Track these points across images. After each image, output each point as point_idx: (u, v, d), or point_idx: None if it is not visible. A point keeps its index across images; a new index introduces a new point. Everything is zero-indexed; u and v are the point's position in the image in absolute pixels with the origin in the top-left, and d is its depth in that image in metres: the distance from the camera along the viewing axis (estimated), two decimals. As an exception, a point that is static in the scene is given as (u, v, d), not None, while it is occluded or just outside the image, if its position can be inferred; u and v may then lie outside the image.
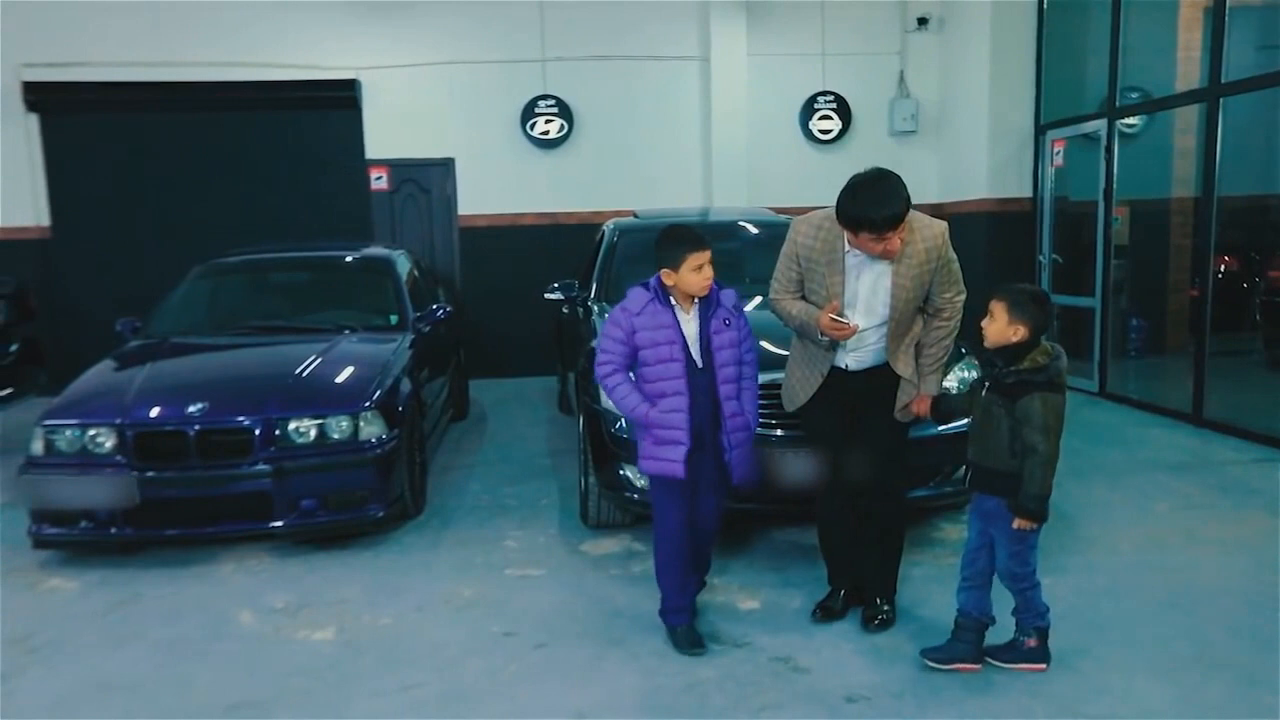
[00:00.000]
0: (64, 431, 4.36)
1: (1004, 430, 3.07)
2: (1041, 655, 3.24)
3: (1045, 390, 3.01)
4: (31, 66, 8.42)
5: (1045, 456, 3.00)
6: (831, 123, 9.26)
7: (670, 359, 3.35)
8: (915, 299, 3.44)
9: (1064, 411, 3.06)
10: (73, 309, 8.32)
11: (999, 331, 3.10)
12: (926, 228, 3.43)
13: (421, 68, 8.86)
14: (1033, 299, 3.12)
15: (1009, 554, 3.16)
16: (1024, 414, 3.02)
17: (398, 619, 3.78)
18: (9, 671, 3.42)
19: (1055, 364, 3.06)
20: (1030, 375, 3.03)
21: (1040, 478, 3.01)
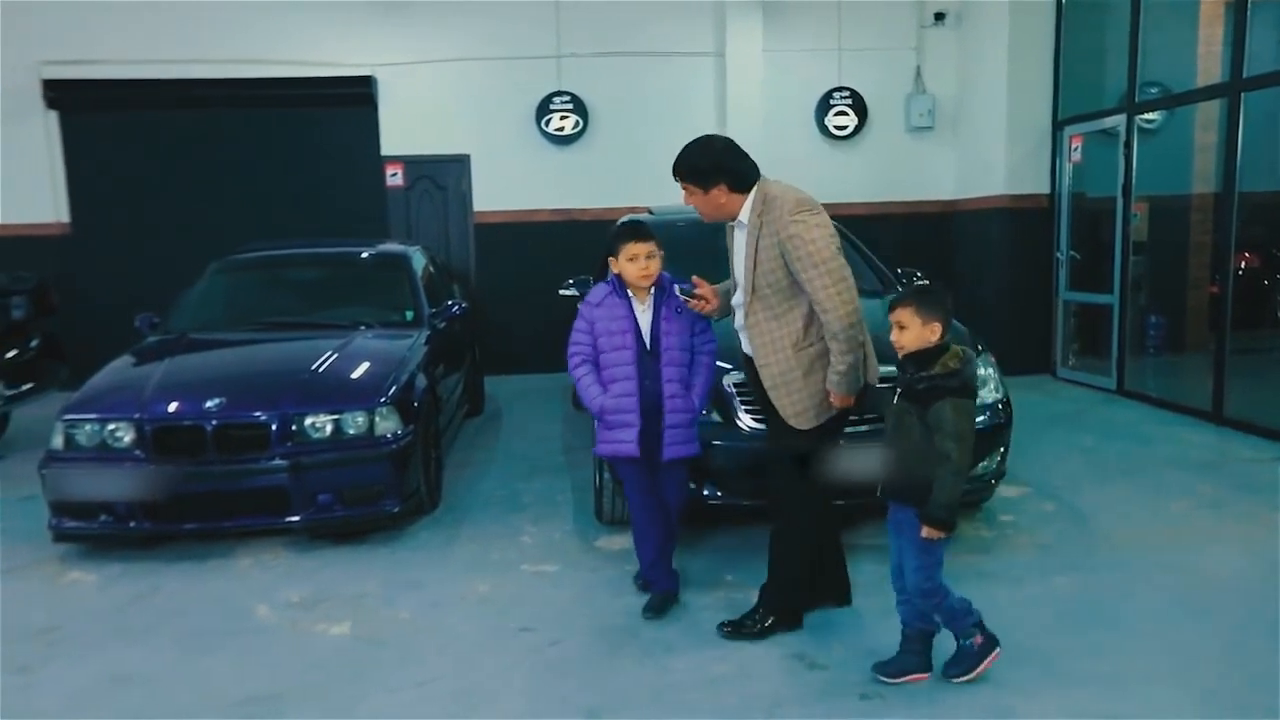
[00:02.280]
0: (83, 426, 4.40)
1: (916, 438, 2.97)
2: (989, 644, 3.13)
3: (957, 395, 2.90)
4: (51, 64, 8.49)
5: (957, 464, 2.90)
6: (847, 119, 9.22)
7: (622, 347, 3.58)
8: (768, 276, 3.29)
9: (974, 418, 2.96)
10: (92, 304, 8.39)
11: (916, 337, 2.98)
12: (779, 201, 3.30)
13: (437, 64, 8.88)
14: (935, 294, 3.05)
15: (915, 567, 3.05)
16: (936, 420, 2.91)
17: (413, 614, 3.79)
18: (30, 664, 3.45)
19: (968, 369, 2.95)
20: (942, 380, 2.91)
21: (951, 486, 2.90)
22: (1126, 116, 7.56)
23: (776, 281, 3.29)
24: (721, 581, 4.03)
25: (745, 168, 3.39)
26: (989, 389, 4.46)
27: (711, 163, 3.37)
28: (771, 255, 3.26)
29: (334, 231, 8.37)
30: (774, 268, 3.27)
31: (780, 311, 3.34)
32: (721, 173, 3.35)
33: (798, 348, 3.33)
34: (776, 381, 3.37)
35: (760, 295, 3.34)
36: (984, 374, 4.48)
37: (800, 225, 3.20)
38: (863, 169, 9.31)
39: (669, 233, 6.20)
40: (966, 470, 2.94)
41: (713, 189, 3.36)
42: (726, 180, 3.35)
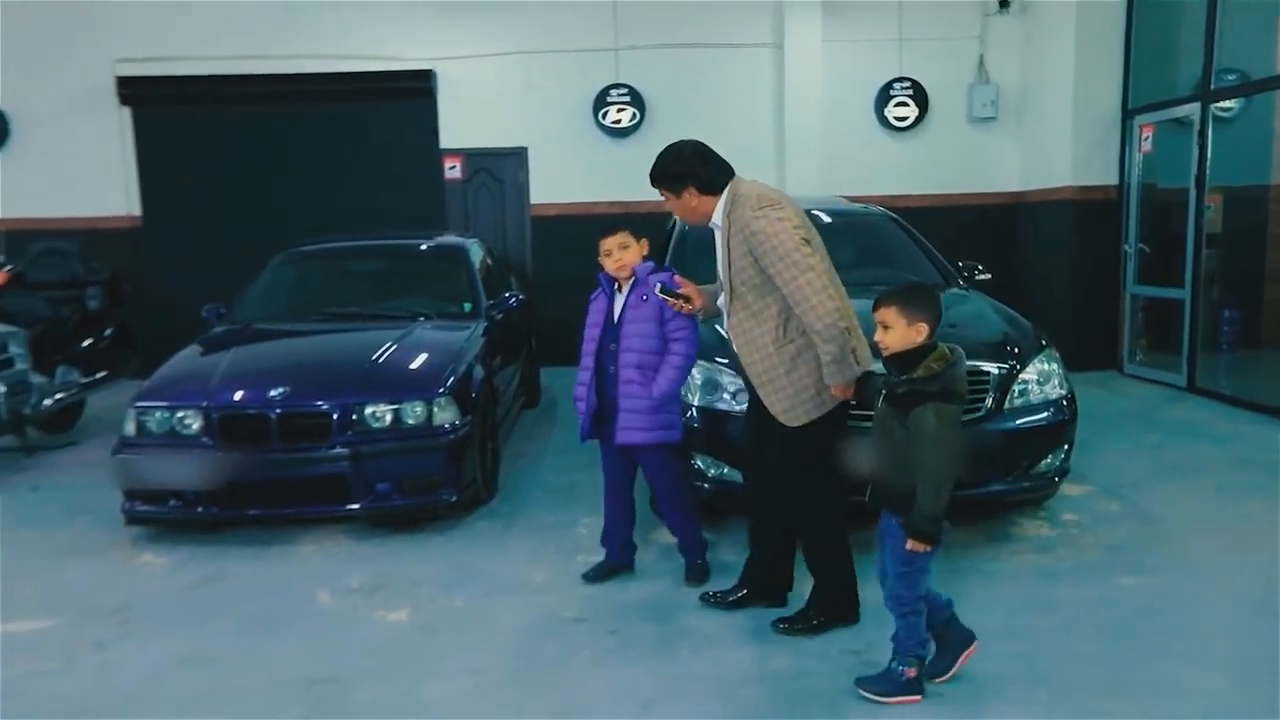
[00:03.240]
0: (154, 413, 4.53)
1: (898, 443, 2.86)
2: (918, 686, 2.98)
3: (939, 400, 2.78)
4: (125, 62, 8.73)
5: (937, 473, 2.77)
6: (908, 110, 9.07)
7: (592, 337, 3.85)
8: (742, 275, 3.33)
9: (958, 423, 2.83)
10: (161, 295, 8.62)
11: (902, 337, 2.86)
12: (743, 199, 3.33)
13: (496, 58, 8.95)
14: (921, 292, 2.95)
15: (896, 575, 2.95)
16: (916, 427, 2.78)
17: (470, 602, 3.84)
18: (105, 640, 3.57)
19: (950, 370, 2.81)
20: (923, 384, 2.80)
21: (933, 495, 2.77)
22: (1201, 105, 7.32)
23: (750, 280, 3.32)
24: (777, 576, 4.00)
25: (713, 171, 3.43)
26: (1053, 385, 4.37)
27: (679, 167, 3.45)
28: (742, 253, 3.31)
29: (394, 224, 8.49)
30: (745, 265, 3.31)
31: (757, 310, 3.36)
32: (689, 176, 3.42)
33: (778, 345, 3.33)
34: (762, 380, 3.38)
35: (738, 295, 3.38)
36: (1047, 369, 4.39)
37: (762, 220, 3.23)
38: (923, 160, 9.16)
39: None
40: (949, 479, 2.80)
41: (683, 192, 3.43)
42: (694, 183, 3.42)
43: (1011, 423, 4.21)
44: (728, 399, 4.23)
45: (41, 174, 8.83)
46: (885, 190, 8.78)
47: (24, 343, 6.04)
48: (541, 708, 3.03)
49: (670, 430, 3.81)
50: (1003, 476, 4.25)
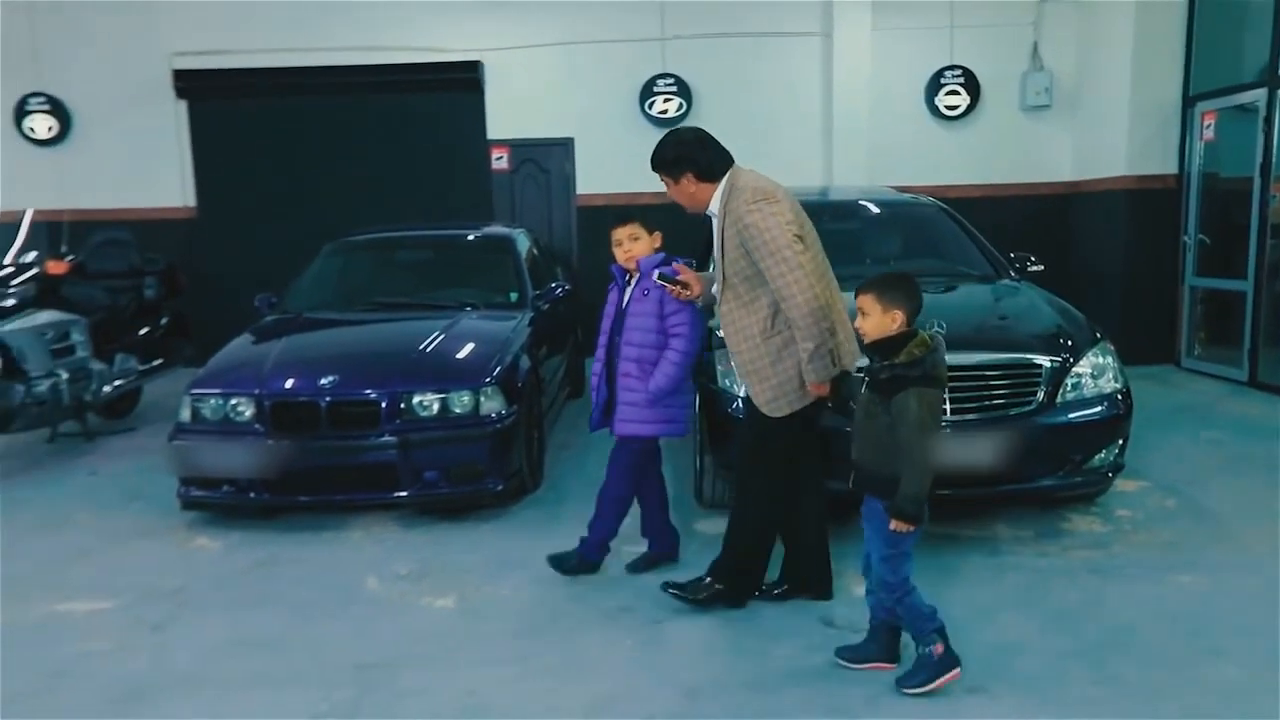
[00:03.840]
0: (208, 400, 4.62)
1: (882, 429, 2.92)
2: (950, 659, 2.97)
3: (921, 385, 2.85)
4: (181, 55, 8.90)
5: (920, 456, 2.84)
6: (959, 98, 8.92)
7: (604, 329, 3.92)
8: (734, 265, 3.35)
9: (939, 408, 2.89)
10: (215, 285, 8.78)
11: (877, 325, 2.94)
12: (739, 191, 3.35)
13: (542, 48, 8.96)
14: (898, 281, 2.99)
15: (881, 558, 3.00)
16: (899, 411, 2.85)
17: (516, 591, 3.87)
18: (163, 621, 3.66)
19: (932, 356, 2.87)
20: (905, 370, 2.86)
21: (916, 477, 2.85)
22: (1268, 90, 7.09)
23: (741, 270, 3.34)
24: (823, 569, 3.98)
25: (711, 158, 3.45)
26: (1107, 378, 4.28)
27: (677, 153, 3.47)
28: (735, 244, 3.33)
29: (441, 214, 8.56)
30: (737, 257, 3.33)
31: (748, 300, 3.37)
32: (687, 162, 3.43)
33: (765, 336, 3.35)
34: (748, 370, 3.41)
35: (730, 285, 3.40)
36: (1102, 363, 4.30)
37: (755, 214, 3.24)
38: (974, 150, 9.01)
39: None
40: (931, 462, 2.87)
41: (681, 178, 3.45)
42: (692, 170, 3.43)
43: (1064, 417, 4.13)
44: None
45: (101, 166, 9.05)
46: (935, 180, 8.65)
47: (85, 331, 6.20)
48: (587, 696, 3.04)
49: (671, 424, 3.83)
50: (1054, 471, 4.17)
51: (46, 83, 8.97)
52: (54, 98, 8.98)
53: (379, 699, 3.05)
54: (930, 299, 4.82)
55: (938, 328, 4.16)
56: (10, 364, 5.56)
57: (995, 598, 3.67)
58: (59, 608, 3.80)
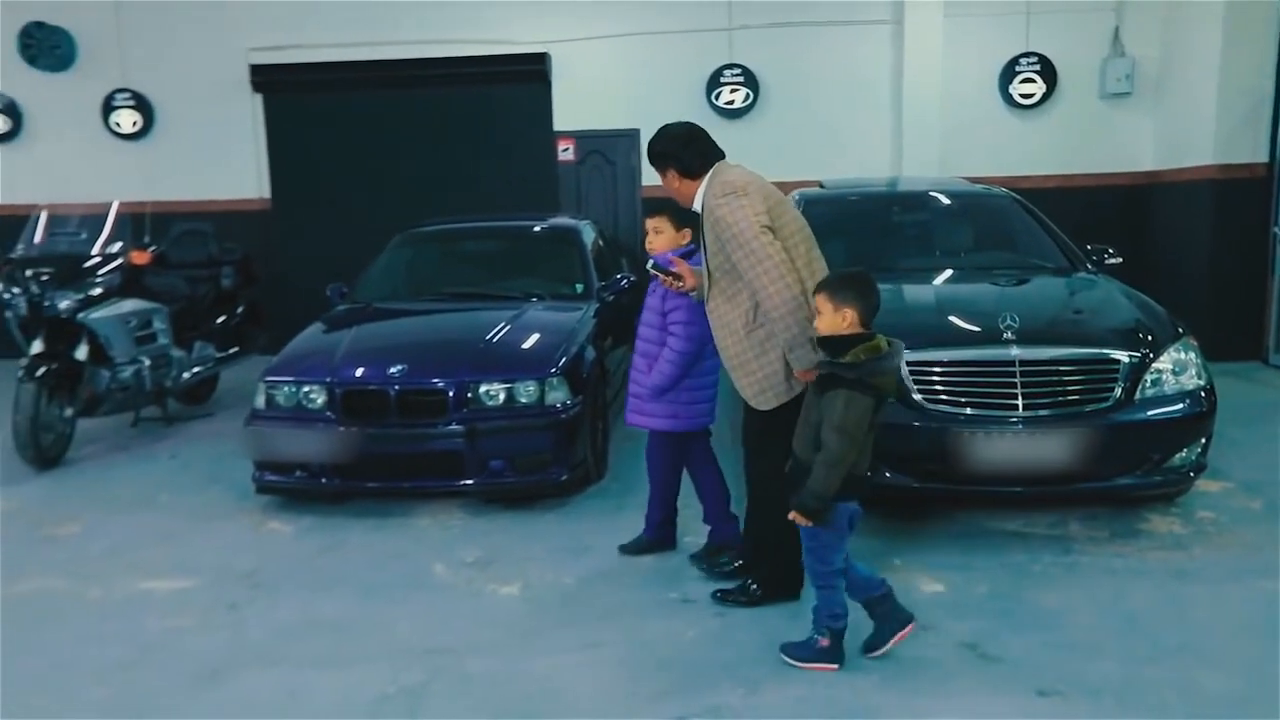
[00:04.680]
0: (282, 387, 4.73)
1: (812, 422, 2.98)
2: (833, 656, 3.09)
3: (851, 388, 2.87)
4: (258, 50, 9.11)
5: (834, 456, 2.87)
6: (1034, 86, 8.67)
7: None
8: (715, 259, 3.40)
9: (866, 415, 2.90)
10: (288, 275, 8.99)
11: (829, 323, 2.99)
12: (713, 186, 3.39)
13: (609, 40, 8.96)
14: (850, 281, 3.03)
15: (806, 549, 3.09)
16: (826, 408, 2.91)
17: (580, 580, 3.89)
18: (239, 601, 3.78)
19: (875, 363, 2.89)
20: (841, 370, 2.90)
21: (823, 476, 2.89)
22: (1364, 75, 6.77)
23: (721, 265, 3.37)
24: (889, 565, 3.92)
25: (692, 155, 3.48)
26: (1189, 375, 4.15)
27: (660, 147, 3.53)
28: (712, 239, 3.37)
29: (508, 205, 8.64)
30: (716, 251, 3.37)
31: (731, 294, 3.41)
32: (670, 158, 3.49)
33: (748, 329, 3.37)
34: (733, 364, 3.45)
35: (714, 279, 3.44)
36: (1183, 358, 4.17)
37: (723, 208, 3.28)
38: (1049, 139, 8.76)
39: (839, 207, 6.14)
40: (844, 464, 2.90)
41: (666, 173, 3.52)
42: (675, 166, 3.49)
43: (1142, 414, 4.01)
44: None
45: (181, 159, 9.32)
46: (1008, 171, 8.44)
47: (166, 319, 6.40)
48: (649, 686, 3.06)
49: (675, 419, 3.88)
50: (1131, 470, 4.06)
51: (131, 79, 9.27)
52: (138, 93, 9.28)
53: (446, 683, 3.11)
54: (1000, 292, 4.81)
55: (1009, 322, 4.08)
56: (98, 350, 5.77)
57: (1068, 599, 3.58)
58: (145, 585, 3.95)
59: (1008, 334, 4.05)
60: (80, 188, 8.04)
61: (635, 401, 3.95)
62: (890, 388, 2.99)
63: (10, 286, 5.67)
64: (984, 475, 3.98)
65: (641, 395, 3.90)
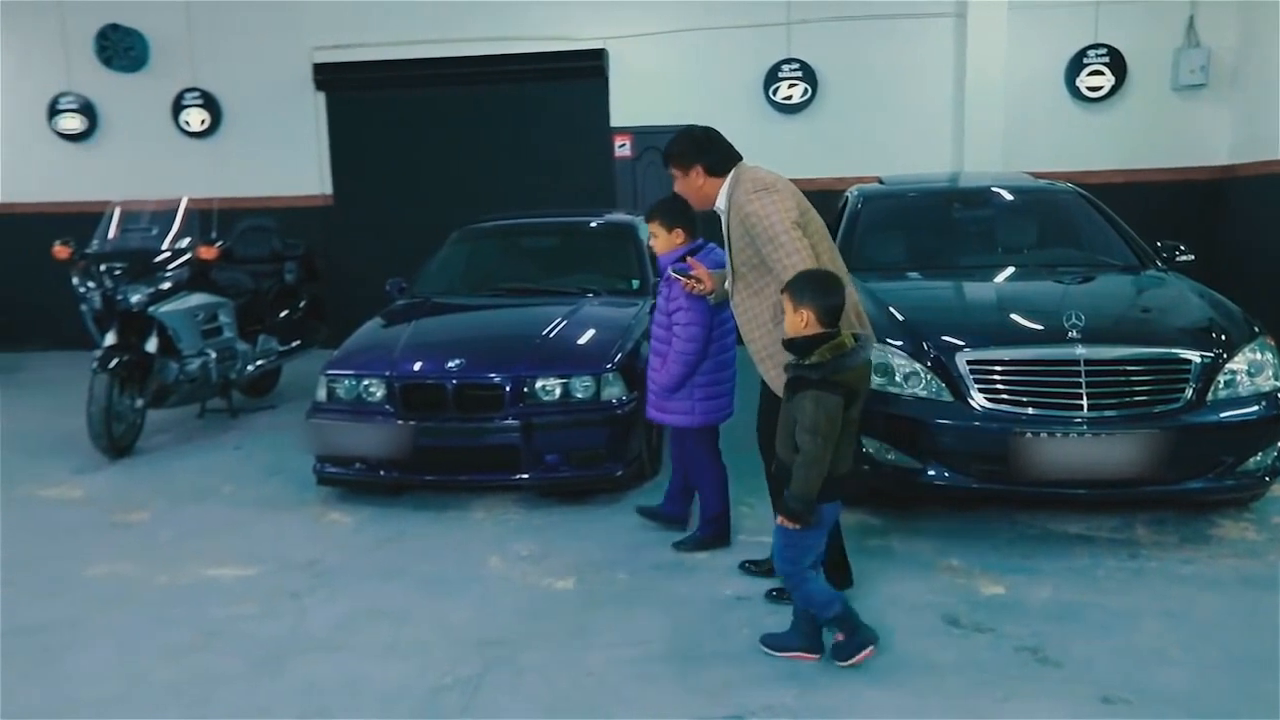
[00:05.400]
0: (343, 380, 4.81)
1: (789, 425, 3.01)
2: (857, 642, 3.07)
3: (817, 388, 2.90)
4: (321, 49, 9.28)
5: (809, 457, 2.90)
6: (1102, 79, 8.44)
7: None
8: (742, 255, 3.47)
9: (836, 414, 2.90)
10: (348, 270, 9.15)
11: (791, 324, 3.04)
12: (741, 182, 3.48)
13: (667, 35, 8.94)
14: (809, 283, 3.05)
15: (778, 548, 3.11)
16: (796, 412, 2.94)
17: (633, 575, 3.90)
18: (301, 590, 3.86)
19: (838, 361, 2.93)
20: (806, 371, 2.94)
21: (802, 478, 2.92)
22: None
23: (749, 260, 3.44)
24: (946, 566, 3.88)
25: (721, 154, 3.58)
26: (1265, 376, 4.01)
27: (687, 147, 3.61)
28: (740, 234, 3.44)
29: (565, 201, 8.67)
30: (743, 246, 3.44)
31: (758, 288, 3.48)
32: (696, 155, 3.57)
33: (775, 321, 3.39)
34: (761, 356, 3.51)
35: (740, 275, 3.52)
36: (1260, 359, 4.03)
37: (755, 203, 3.37)
38: (1118, 133, 8.53)
39: (898, 203, 6.06)
40: (822, 464, 2.92)
41: (690, 171, 3.58)
42: (702, 163, 3.56)
43: (1215, 416, 3.89)
44: (899, 382, 4.10)
45: (247, 156, 9.54)
46: (1074, 166, 8.24)
47: (231, 313, 6.56)
48: (702, 683, 3.05)
49: (690, 415, 3.99)
50: (1202, 474, 3.93)
51: (200, 78, 9.51)
52: (206, 92, 9.51)
53: (501, 675, 3.13)
54: (1065, 289, 4.70)
55: (1074, 320, 3.99)
56: (167, 343, 5.94)
57: (1133, 604, 3.49)
58: (210, 572, 4.05)
59: (1072, 333, 3.96)
60: (151, 185, 8.26)
61: (653, 398, 4.09)
62: (860, 383, 3.04)
63: (86, 281, 5.86)
64: (1046, 477, 3.89)
65: (655, 391, 4.05)
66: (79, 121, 9.68)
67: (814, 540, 3.09)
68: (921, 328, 4.24)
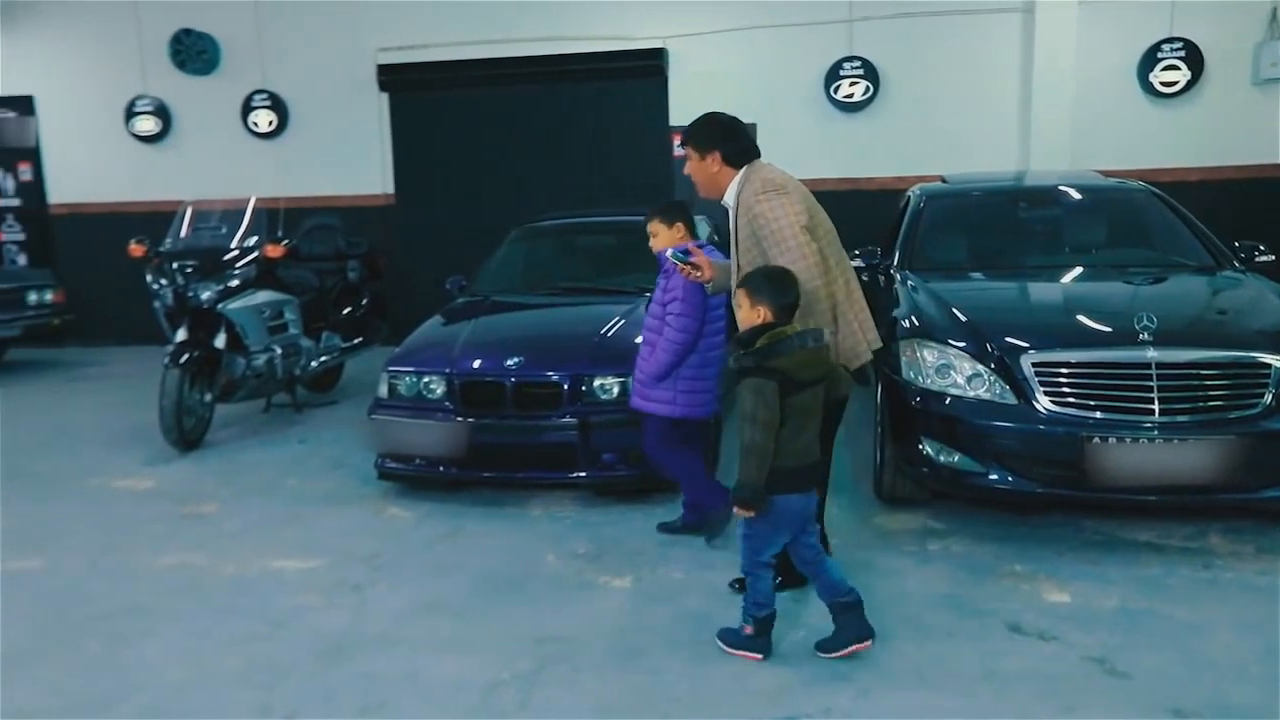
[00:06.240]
0: (404, 377, 4.88)
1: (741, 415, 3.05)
2: (758, 646, 3.16)
3: (753, 375, 2.96)
4: (385, 50, 9.43)
5: (746, 444, 2.95)
6: (1178, 74, 8.18)
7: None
8: (748, 254, 3.45)
9: (772, 400, 2.93)
10: (409, 268, 9.28)
11: (746, 317, 3.12)
12: (751, 181, 3.45)
13: (727, 34, 8.90)
14: (765, 278, 3.13)
15: (742, 536, 3.16)
16: (738, 401, 2.99)
17: (689, 575, 3.89)
18: (362, 583, 3.92)
19: (775, 346, 2.96)
20: (741, 359, 3.00)
21: (746, 466, 2.97)
22: None
23: (754, 260, 3.42)
24: (1008, 572, 3.80)
25: (741, 146, 3.56)
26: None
27: (710, 132, 3.58)
28: (746, 234, 3.44)
29: (624, 200, 8.68)
30: (750, 245, 3.45)
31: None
32: (718, 142, 3.54)
33: None
34: None
35: (744, 272, 3.45)
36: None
37: (765, 204, 3.36)
38: (1194, 129, 8.26)
39: (962, 202, 5.95)
40: (761, 452, 2.95)
41: (708, 156, 3.55)
42: (721, 150, 3.53)
43: (1294, 420, 3.75)
44: (961, 383, 4.02)
45: (312, 156, 9.74)
46: (1146, 164, 8.01)
47: (297, 310, 6.70)
48: (759, 684, 3.03)
49: (671, 405, 4.10)
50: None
51: (269, 80, 9.74)
52: (274, 94, 9.74)
53: (556, 673, 3.15)
54: (1135, 290, 4.58)
55: (1146, 322, 3.88)
56: (235, 339, 6.08)
57: (1206, 616, 3.38)
58: (274, 564, 4.14)
59: (1143, 335, 3.85)
60: (220, 185, 8.49)
61: (639, 386, 4.19)
62: (800, 371, 3.00)
63: (159, 278, 6.04)
64: (1114, 483, 3.79)
65: (643, 380, 4.15)
66: (154, 123, 9.99)
67: (772, 534, 3.12)
68: (985, 328, 4.16)
